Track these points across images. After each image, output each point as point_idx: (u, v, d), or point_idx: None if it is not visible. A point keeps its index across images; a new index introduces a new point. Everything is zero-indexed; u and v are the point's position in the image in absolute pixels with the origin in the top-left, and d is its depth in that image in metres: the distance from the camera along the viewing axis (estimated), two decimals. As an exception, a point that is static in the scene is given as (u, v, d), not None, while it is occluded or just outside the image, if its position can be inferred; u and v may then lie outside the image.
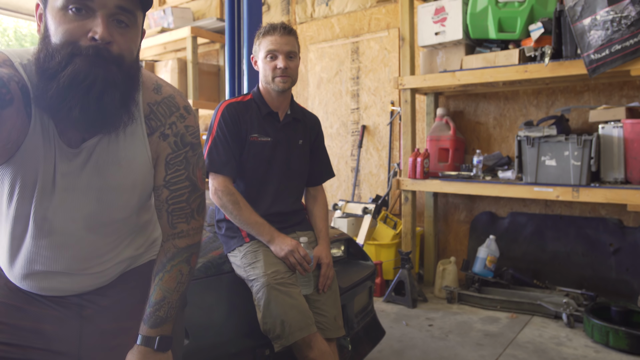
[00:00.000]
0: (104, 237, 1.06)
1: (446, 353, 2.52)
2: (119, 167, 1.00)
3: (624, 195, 2.66)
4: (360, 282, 2.05)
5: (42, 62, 0.85)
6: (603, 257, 3.17)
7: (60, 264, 1.02)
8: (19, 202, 0.94)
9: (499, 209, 3.66)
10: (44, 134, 0.91)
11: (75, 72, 0.82)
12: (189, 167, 1.08)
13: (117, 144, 0.99)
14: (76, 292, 1.07)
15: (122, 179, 1.02)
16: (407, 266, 3.24)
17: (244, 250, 1.74)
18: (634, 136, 2.72)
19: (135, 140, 1.01)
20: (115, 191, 1.02)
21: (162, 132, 1.04)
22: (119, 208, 1.05)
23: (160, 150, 1.05)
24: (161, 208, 1.09)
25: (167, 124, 1.04)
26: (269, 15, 4.91)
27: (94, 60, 0.83)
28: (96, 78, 0.83)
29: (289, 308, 1.58)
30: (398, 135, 4.09)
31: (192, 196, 1.09)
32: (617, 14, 2.60)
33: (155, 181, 1.07)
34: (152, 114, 1.03)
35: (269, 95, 1.85)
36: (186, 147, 1.07)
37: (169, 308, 1.08)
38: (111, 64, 0.85)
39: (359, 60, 4.37)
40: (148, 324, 1.07)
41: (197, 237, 1.13)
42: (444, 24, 3.37)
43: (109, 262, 1.09)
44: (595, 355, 2.49)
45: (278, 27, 1.79)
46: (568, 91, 3.38)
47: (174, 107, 1.06)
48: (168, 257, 1.09)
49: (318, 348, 1.60)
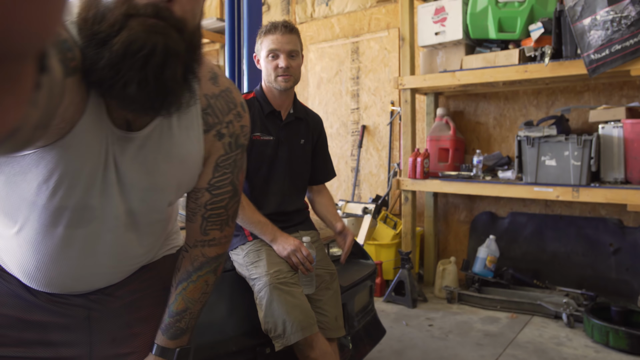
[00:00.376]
0: (141, 237, 0.95)
1: (446, 353, 2.52)
2: (170, 164, 0.88)
3: (624, 195, 2.66)
4: (360, 281, 2.05)
5: (92, 24, 0.68)
6: (603, 257, 3.17)
7: (90, 260, 0.91)
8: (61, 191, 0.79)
9: (499, 209, 3.66)
10: (97, 114, 0.77)
11: (131, 39, 0.66)
12: (235, 171, 0.97)
13: (170, 138, 0.86)
14: (86, 290, 0.95)
15: (170, 179, 0.90)
16: (407, 266, 3.23)
17: (247, 248, 1.74)
18: (634, 136, 2.73)
19: (190, 135, 0.89)
20: (162, 191, 0.90)
21: (218, 131, 0.92)
22: (161, 209, 0.95)
23: (213, 150, 0.93)
24: (196, 212, 0.98)
25: (224, 122, 0.92)
26: (269, 15, 4.91)
27: (152, 25, 0.67)
28: (155, 47, 0.67)
29: (291, 308, 1.58)
30: (398, 135, 4.09)
31: (232, 202, 0.99)
32: (617, 14, 2.61)
33: (199, 183, 0.95)
34: (209, 108, 0.91)
35: (272, 94, 1.85)
36: (238, 150, 0.96)
37: (190, 319, 1.00)
38: (171, 29, 0.69)
39: (359, 60, 4.38)
40: (167, 335, 0.99)
41: (227, 246, 1.04)
42: (444, 24, 3.37)
43: (135, 261, 0.99)
44: (595, 355, 2.49)
45: (279, 26, 1.78)
46: (568, 91, 3.39)
47: (231, 103, 0.94)
48: (195, 266, 1.00)
49: (319, 348, 1.60)
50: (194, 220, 0.99)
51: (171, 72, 0.70)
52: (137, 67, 0.67)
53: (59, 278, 0.90)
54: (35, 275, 0.89)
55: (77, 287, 0.94)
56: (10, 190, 0.79)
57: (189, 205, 1.00)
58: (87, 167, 0.79)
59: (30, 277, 0.90)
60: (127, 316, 1.00)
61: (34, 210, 0.81)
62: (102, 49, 0.67)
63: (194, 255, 1.00)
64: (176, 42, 0.69)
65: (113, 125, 0.79)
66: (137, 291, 1.01)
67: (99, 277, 0.94)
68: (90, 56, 0.68)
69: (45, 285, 0.91)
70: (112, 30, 0.67)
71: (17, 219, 0.83)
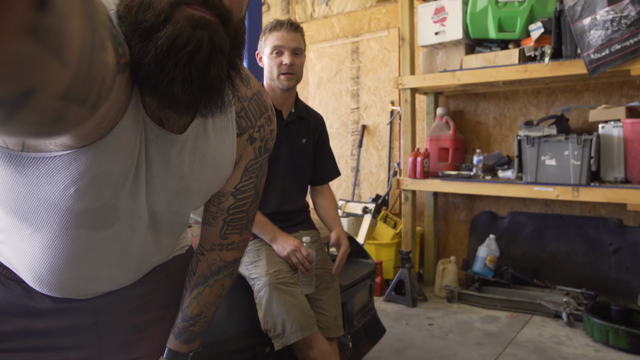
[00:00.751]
0: (159, 239, 0.91)
1: (446, 352, 2.52)
2: (204, 169, 0.84)
3: (624, 195, 2.66)
4: (360, 280, 2.05)
5: (136, 12, 0.63)
6: (603, 257, 3.18)
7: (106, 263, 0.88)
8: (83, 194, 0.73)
9: (499, 209, 3.67)
10: (135, 113, 0.71)
11: (176, 34, 0.61)
12: (260, 175, 0.95)
13: (205, 141, 0.82)
14: (97, 293, 0.92)
15: (202, 183, 0.85)
16: (407, 265, 3.24)
17: (246, 248, 1.74)
18: (633, 136, 2.73)
19: (224, 139, 0.85)
20: (192, 196, 0.86)
21: (250, 135, 0.89)
22: (184, 213, 0.90)
23: (244, 154, 0.90)
24: (218, 216, 0.95)
25: (256, 125, 0.89)
26: (269, 15, 4.91)
27: (198, 18, 0.62)
28: (201, 42, 0.62)
29: (290, 307, 1.58)
30: (398, 135, 4.09)
31: (252, 205, 0.97)
32: (617, 13, 2.61)
33: (225, 187, 0.92)
34: (243, 111, 0.87)
35: (273, 93, 1.84)
36: (266, 154, 0.94)
37: (204, 323, 0.99)
38: (217, 24, 0.64)
39: (359, 60, 4.38)
40: (180, 340, 0.97)
41: (244, 250, 1.02)
42: (444, 23, 3.37)
43: (149, 261, 0.95)
44: (595, 354, 2.49)
45: (285, 23, 1.78)
46: (568, 91, 3.39)
47: (263, 106, 0.91)
48: (213, 270, 0.98)
49: (319, 347, 1.60)
50: (214, 224, 0.96)
51: (216, 70, 0.65)
52: (182, 64, 0.62)
53: (72, 281, 0.86)
54: (47, 279, 0.84)
55: (89, 290, 0.90)
56: (30, 192, 0.73)
57: (210, 209, 0.96)
58: (119, 169, 0.74)
59: (42, 281, 0.85)
60: (136, 319, 0.97)
61: (55, 212, 0.75)
62: (147, 43, 0.62)
63: (212, 259, 0.97)
64: (221, 38, 0.65)
65: (151, 121, 0.74)
66: (146, 294, 0.98)
67: (113, 280, 0.91)
68: (135, 50, 0.63)
69: (57, 289, 0.87)
70: (158, 21, 0.62)
71: (33, 221, 0.77)
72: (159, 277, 1.00)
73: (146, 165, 0.77)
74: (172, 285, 1.01)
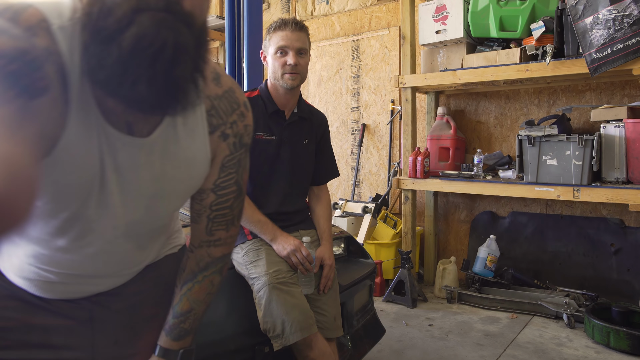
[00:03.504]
0: (141, 244, 0.94)
1: (446, 353, 2.51)
2: (178, 169, 0.86)
3: (626, 195, 2.64)
4: (360, 279, 2.03)
5: (96, 19, 0.64)
6: (604, 257, 3.16)
7: (88, 269, 0.90)
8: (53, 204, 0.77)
9: (500, 209, 3.65)
10: (85, 124, 0.73)
11: (141, 34, 0.62)
12: (239, 171, 0.97)
13: (176, 142, 0.84)
14: (91, 293, 0.95)
15: (178, 184, 0.88)
16: (407, 266, 3.22)
17: (246, 247, 1.72)
18: (635, 136, 2.71)
19: (195, 138, 0.87)
20: (169, 198, 0.89)
21: (222, 132, 0.92)
22: (165, 216, 0.93)
23: (218, 151, 0.93)
24: (202, 213, 0.97)
25: (228, 122, 0.92)
26: (269, 13, 4.89)
27: (162, 19, 0.64)
28: (165, 42, 0.63)
29: (290, 308, 1.57)
30: (398, 134, 4.08)
31: (236, 202, 0.99)
32: (620, 12, 2.59)
33: (204, 184, 0.94)
34: (213, 109, 0.90)
35: (277, 92, 1.82)
36: (242, 149, 0.96)
37: (194, 319, 1.00)
38: (180, 24, 0.66)
39: (360, 59, 4.36)
40: (171, 336, 0.99)
41: (232, 246, 1.04)
42: (445, 22, 3.36)
43: (136, 267, 0.98)
44: (596, 355, 2.47)
45: (290, 23, 1.76)
46: (569, 90, 3.37)
47: (234, 103, 0.94)
48: (201, 267, 1.00)
49: (318, 348, 1.59)
50: (199, 222, 0.98)
51: (181, 69, 0.67)
52: (146, 63, 0.63)
53: (58, 285, 0.90)
54: (36, 283, 0.89)
55: (77, 293, 0.93)
56: None
57: (194, 206, 0.98)
58: (78, 181, 0.76)
59: (30, 283, 0.90)
60: (130, 317, 0.99)
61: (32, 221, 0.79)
62: (109, 47, 0.63)
63: (200, 255, 1.00)
64: (186, 37, 0.66)
65: (114, 130, 0.75)
66: (139, 292, 1.00)
67: (99, 284, 0.94)
68: (96, 54, 0.64)
69: (45, 292, 0.91)
70: (120, 26, 0.63)
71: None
72: (151, 276, 1.02)
73: (117, 174, 0.79)
74: (165, 283, 1.03)
